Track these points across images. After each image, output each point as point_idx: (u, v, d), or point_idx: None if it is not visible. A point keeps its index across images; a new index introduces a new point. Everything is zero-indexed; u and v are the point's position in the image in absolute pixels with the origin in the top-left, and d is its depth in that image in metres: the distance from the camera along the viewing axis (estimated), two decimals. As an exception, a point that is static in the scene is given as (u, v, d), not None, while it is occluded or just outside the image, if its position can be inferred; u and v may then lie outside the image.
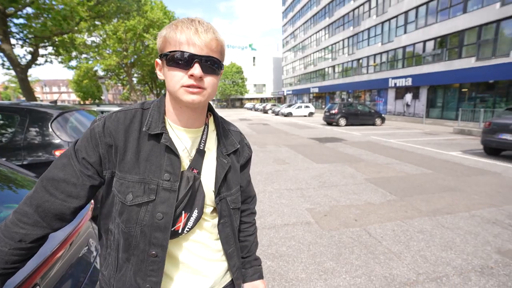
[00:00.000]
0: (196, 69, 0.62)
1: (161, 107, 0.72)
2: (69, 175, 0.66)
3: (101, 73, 24.02)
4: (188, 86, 0.63)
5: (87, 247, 1.35)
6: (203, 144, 0.75)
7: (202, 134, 0.76)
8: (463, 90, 16.04)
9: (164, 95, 0.76)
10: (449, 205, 3.83)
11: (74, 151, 0.68)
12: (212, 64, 0.64)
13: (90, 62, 21.23)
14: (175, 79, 0.64)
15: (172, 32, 0.63)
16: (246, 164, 0.90)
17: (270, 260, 2.52)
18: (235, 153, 0.83)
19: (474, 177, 5.21)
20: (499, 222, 3.28)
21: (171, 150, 0.69)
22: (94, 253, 1.41)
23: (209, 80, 0.65)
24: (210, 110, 0.81)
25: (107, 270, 0.73)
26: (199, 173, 0.73)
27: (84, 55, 18.87)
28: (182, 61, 0.62)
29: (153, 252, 0.68)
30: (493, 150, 7.13)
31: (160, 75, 0.71)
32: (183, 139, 0.73)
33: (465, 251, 2.65)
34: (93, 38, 19.29)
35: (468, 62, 15.33)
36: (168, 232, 0.68)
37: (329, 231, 3.08)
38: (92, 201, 1.56)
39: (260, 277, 0.91)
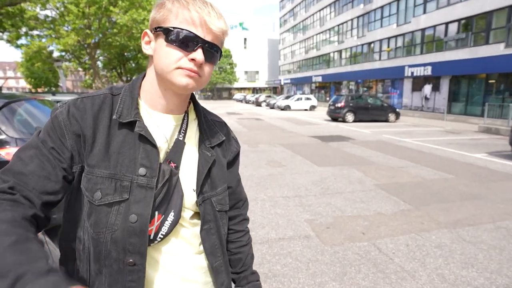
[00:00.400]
0: (199, 54, 0.66)
1: (134, 91, 0.73)
2: (40, 167, 0.64)
3: (57, 54, 23.55)
4: (186, 69, 0.66)
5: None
6: (182, 134, 0.77)
7: (182, 123, 0.78)
8: (490, 81, 16.48)
9: (138, 78, 0.77)
10: (471, 215, 3.95)
11: (41, 141, 0.66)
12: (214, 53, 0.70)
13: (43, 40, 20.77)
14: (172, 58, 0.66)
15: (183, 7, 0.66)
16: (234, 161, 0.91)
17: (262, 281, 2.53)
18: (220, 146, 0.85)
19: (500, 183, 5.38)
20: (528, 235, 3.41)
21: (147, 140, 0.70)
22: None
23: (207, 69, 0.70)
24: (191, 97, 0.83)
25: (80, 282, 0.72)
26: (177, 167, 0.74)
27: (36, 32, 18.44)
28: (186, 41, 0.66)
29: (130, 260, 0.68)
30: (523, 151, 7.37)
31: (146, 49, 0.73)
32: (162, 127, 0.74)
33: (489, 268, 2.74)
34: (47, 12, 18.87)
35: (496, 49, 15.75)
36: (146, 236, 0.69)
37: (332, 246, 3.13)
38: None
39: None
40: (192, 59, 0.66)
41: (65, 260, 0.76)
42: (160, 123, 0.74)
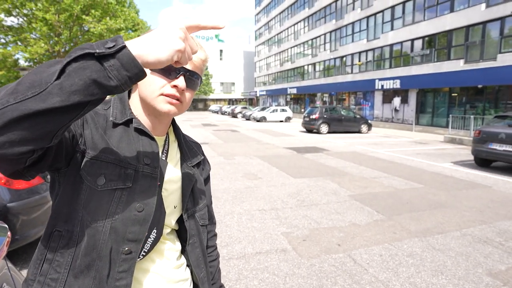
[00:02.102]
0: (181, 82, 0.70)
1: (124, 100, 0.77)
2: None
3: (23, 63, 22.43)
4: (168, 96, 0.70)
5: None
6: (165, 154, 0.81)
7: (164, 144, 0.82)
8: (453, 94, 17.63)
9: (123, 93, 0.79)
10: (440, 223, 4.14)
11: None
12: (194, 80, 0.74)
13: (8, 48, 19.75)
14: (156, 85, 0.70)
15: None
16: (207, 180, 0.98)
17: (239, 297, 2.50)
18: (199, 166, 0.91)
19: (465, 191, 5.70)
20: (490, 240, 3.61)
21: (145, 133, 0.74)
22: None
23: (188, 95, 0.74)
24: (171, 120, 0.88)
25: (58, 275, 0.66)
26: (160, 186, 0.76)
27: (1, 39, 17.53)
28: (168, 69, 0.69)
29: (127, 249, 0.68)
30: (483, 161, 7.89)
31: None
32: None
33: (457, 275, 2.87)
34: (13, 18, 18.03)
35: (456, 65, 16.93)
36: (147, 225, 0.71)
37: (308, 259, 3.15)
38: (9, 232, 1.44)
39: None
40: (175, 86, 0.70)
41: (39, 253, 0.70)
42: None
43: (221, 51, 60.80)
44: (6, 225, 1.51)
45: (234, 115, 35.67)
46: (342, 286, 2.68)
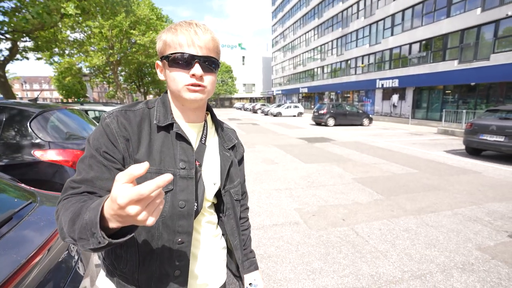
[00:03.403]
0: (197, 69, 0.67)
1: (166, 102, 0.76)
2: (100, 172, 0.66)
3: (85, 70, 23.32)
4: (190, 85, 0.68)
5: (67, 252, 1.30)
6: (204, 138, 0.79)
7: (203, 129, 0.80)
8: (447, 92, 16.61)
9: (165, 92, 0.79)
10: (433, 203, 3.95)
11: (94, 149, 0.67)
12: (210, 63, 0.69)
13: (73, 58, 20.55)
14: (178, 79, 0.68)
15: (172, 35, 0.67)
16: (241, 161, 0.95)
17: (259, 261, 2.51)
18: (233, 148, 0.89)
19: (456, 176, 5.40)
20: (480, 219, 3.41)
21: (183, 138, 0.73)
22: (76, 258, 1.36)
23: (208, 79, 0.70)
24: (208, 109, 0.85)
25: (128, 267, 0.72)
26: (200, 165, 0.76)
27: (67, 51, 18.25)
28: (183, 62, 0.66)
29: (179, 240, 0.71)
30: (474, 150, 7.42)
31: (161, 76, 0.75)
32: (187, 133, 0.76)
33: (448, 248, 2.74)
34: (76, 35, 18.68)
35: (451, 65, 15.88)
36: (192, 218, 0.71)
37: (317, 231, 3.11)
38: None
39: (256, 268, 0.98)
40: (193, 75, 0.67)
41: (111, 249, 0.76)
42: (185, 130, 0.76)
43: (243, 57, 60.36)
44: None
45: (254, 111, 35.54)
46: (346, 254, 2.63)
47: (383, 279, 2.25)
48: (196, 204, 0.74)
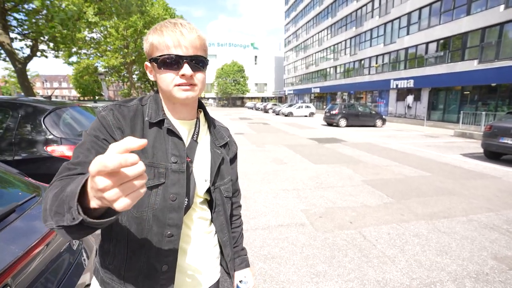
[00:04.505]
0: (186, 69, 0.67)
1: (158, 100, 0.77)
2: (98, 154, 0.65)
3: (101, 70, 24.00)
4: (181, 85, 0.69)
5: (68, 244, 1.32)
6: (196, 135, 0.80)
7: (195, 126, 0.80)
8: (465, 92, 15.97)
9: (157, 92, 0.80)
10: (446, 208, 3.80)
11: (93, 136, 0.67)
12: (198, 62, 0.70)
13: (91, 58, 21.19)
14: (168, 80, 0.69)
15: (158, 37, 0.68)
16: (234, 159, 0.95)
17: (262, 261, 2.49)
18: (225, 146, 0.89)
19: (473, 181, 5.17)
20: (497, 227, 3.24)
21: (174, 133, 0.74)
22: (77, 251, 1.38)
23: (198, 77, 0.71)
24: (201, 106, 0.86)
25: (115, 262, 0.72)
26: (191, 161, 0.77)
27: (84, 51, 18.85)
28: (171, 63, 0.67)
29: (169, 232, 0.71)
30: (493, 154, 7.08)
31: (151, 77, 0.76)
32: (178, 129, 0.76)
33: (461, 256, 2.62)
34: (93, 35, 19.25)
35: (470, 65, 15.25)
36: (182, 211, 0.72)
37: (323, 233, 3.05)
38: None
39: (247, 265, 0.98)
40: (182, 75, 0.68)
41: (102, 242, 0.77)
42: (177, 127, 0.77)
43: (255, 56, 60.38)
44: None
45: (266, 111, 35.47)
46: (351, 258, 2.56)
47: (390, 286, 2.17)
48: (187, 198, 0.74)
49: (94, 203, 0.43)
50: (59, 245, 1.26)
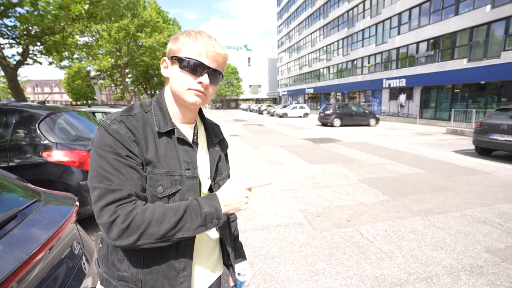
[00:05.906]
0: (205, 79, 0.72)
1: (163, 107, 0.78)
2: (130, 173, 0.68)
3: (93, 73, 23.74)
4: (196, 90, 0.72)
5: (69, 249, 1.33)
6: (195, 136, 0.83)
7: (195, 128, 0.84)
8: (456, 91, 16.29)
9: (160, 94, 0.81)
10: (440, 204, 3.87)
11: (114, 154, 0.67)
12: (215, 77, 0.75)
13: (82, 62, 20.97)
14: (185, 81, 0.72)
15: (192, 42, 0.71)
16: (226, 154, 1.00)
17: (262, 261, 2.51)
18: (220, 143, 0.93)
19: (465, 177, 5.29)
20: (489, 221, 3.33)
21: (185, 142, 0.77)
22: (78, 256, 1.38)
23: (210, 89, 0.76)
24: None
25: (130, 269, 0.73)
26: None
27: (76, 55, 18.63)
28: (195, 68, 0.71)
29: (185, 236, 0.73)
30: (484, 150, 7.25)
31: (164, 72, 0.77)
32: (185, 134, 0.80)
33: (456, 250, 2.68)
34: (85, 38, 19.05)
35: (460, 63, 15.57)
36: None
37: (321, 231, 3.08)
38: (77, 203, 1.53)
39: (244, 258, 1.03)
40: (200, 82, 0.72)
41: (111, 252, 0.78)
42: (184, 132, 0.80)
43: (249, 58, 60.49)
44: (75, 196, 1.60)
45: (260, 112, 35.54)
46: (350, 255, 2.60)
47: (388, 281, 2.21)
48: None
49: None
50: (62, 250, 1.26)
